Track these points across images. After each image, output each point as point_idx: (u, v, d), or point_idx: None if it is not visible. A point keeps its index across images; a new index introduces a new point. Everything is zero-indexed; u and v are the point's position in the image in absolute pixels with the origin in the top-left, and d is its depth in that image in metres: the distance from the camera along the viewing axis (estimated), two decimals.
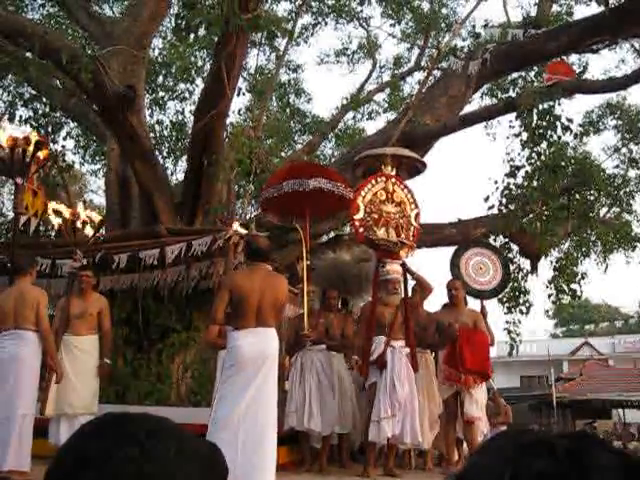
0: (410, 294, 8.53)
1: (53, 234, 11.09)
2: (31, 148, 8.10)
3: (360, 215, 7.84)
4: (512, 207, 11.59)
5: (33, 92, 14.52)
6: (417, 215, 8.03)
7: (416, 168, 9.03)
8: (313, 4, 17.48)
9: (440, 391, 8.02)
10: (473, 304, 9.23)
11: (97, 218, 9.27)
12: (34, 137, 8.30)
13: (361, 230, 7.87)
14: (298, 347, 7.89)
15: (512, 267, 12.17)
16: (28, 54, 10.89)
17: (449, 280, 8.45)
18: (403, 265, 7.74)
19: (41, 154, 8.16)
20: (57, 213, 9.76)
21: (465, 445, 8.27)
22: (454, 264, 9.82)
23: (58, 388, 6.96)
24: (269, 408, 5.51)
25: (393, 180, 8.08)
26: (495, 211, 12.12)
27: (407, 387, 7.14)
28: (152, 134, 15.05)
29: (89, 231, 9.84)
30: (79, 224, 9.76)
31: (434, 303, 9.34)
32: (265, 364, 5.49)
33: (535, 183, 11.52)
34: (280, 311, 5.93)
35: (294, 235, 9.15)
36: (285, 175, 8.97)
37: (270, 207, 9.43)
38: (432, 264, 11.73)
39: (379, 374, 7.21)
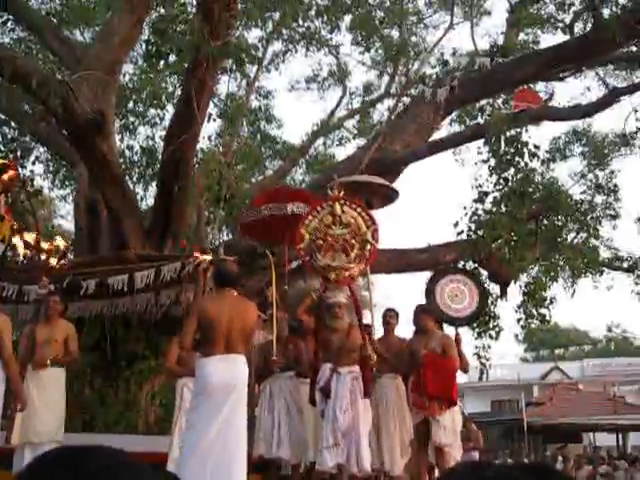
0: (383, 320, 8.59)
1: (21, 259, 10.96)
2: None
3: (305, 244, 7.55)
4: (481, 232, 11.68)
5: (2, 116, 14.42)
6: (375, 231, 7.65)
7: (389, 196, 9.03)
8: (284, 31, 17.59)
9: (410, 417, 7.99)
10: (449, 331, 9.23)
11: (62, 244, 9.18)
12: None
13: (307, 258, 7.74)
14: (267, 374, 7.84)
15: (489, 293, 12.21)
16: None
17: (415, 308, 8.31)
18: (351, 289, 7.54)
19: (6, 176, 8.08)
20: (26, 244, 9.67)
21: (437, 472, 8.22)
22: (429, 290, 9.77)
23: (24, 416, 6.84)
24: (239, 436, 5.46)
25: (342, 201, 7.74)
26: (464, 236, 12.21)
27: (350, 415, 6.90)
28: (122, 159, 15.00)
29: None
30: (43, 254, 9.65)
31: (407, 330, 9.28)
32: (234, 391, 5.45)
33: (503, 209, 11.64)
34: (250, 337, 5.91)
35: (264, 261, 9.13)
36: (265, 199, 8.96)
37: (249, 231, 9.41)
38: (401, 289, 11.76)
39: (325, 402, 7.08)
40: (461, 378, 8.52)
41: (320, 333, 7.34)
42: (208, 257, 8.48)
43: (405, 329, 8.84)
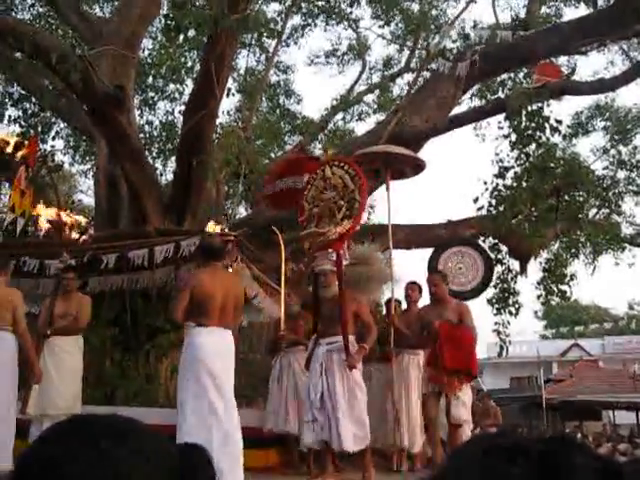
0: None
1: (41, 234, 11.05)
2: (9, 150, 8.06)
3: (306, 215, 7.43)
4: (501, 208, 11.59)
5: (22, 92, 14.48)
6: (361, 186, 7.26)
7: (419, 165, 8.79)
8: (303, 5, 17.47)
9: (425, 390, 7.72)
10: None
11: (83, 220, 9.26)
12: (11, 138, 8.26)
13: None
14: (277, 348, 7.89)
15: (500, 267, 12.17)
16: (17, 54, 10.86)
17: (427, 276, 7.94)
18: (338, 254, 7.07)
19: (26, 151, 8.12)
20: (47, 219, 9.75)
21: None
22: (431, 266, 9.68)
23: (40, 388, 6.89)
24: (234, 409, 5.63)
25: (330, 163, 7.53)
26: (485, 212, 12.14)
27: (320, 387, 6.54)
28: (142, 134, 15.03)
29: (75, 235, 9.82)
30: (66, 228, 9.72)
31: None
32: (225, 365, 5.65)
33: (524, 184, 11.54)
34: (240, 310, 6.03)
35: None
36: (283, 170, 8.95)
37: (274, 203, 9.42)
38: (418, 264, 11.72)
39: None
40: (480, 354, 8.34)
41: (318, 304, 7.07)
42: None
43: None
